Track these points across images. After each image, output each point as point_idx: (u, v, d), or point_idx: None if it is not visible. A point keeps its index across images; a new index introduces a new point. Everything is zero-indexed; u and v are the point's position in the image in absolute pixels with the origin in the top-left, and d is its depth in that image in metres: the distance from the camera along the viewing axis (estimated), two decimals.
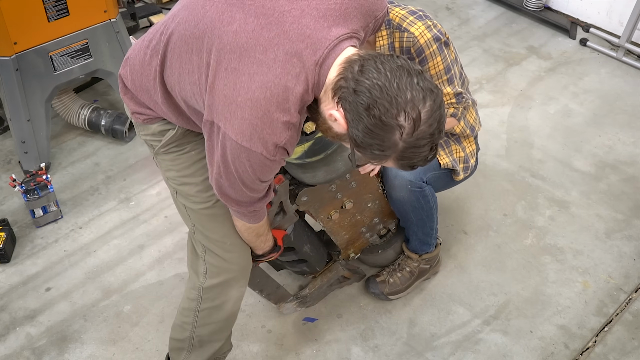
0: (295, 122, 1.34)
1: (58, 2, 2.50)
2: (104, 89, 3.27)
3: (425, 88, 1.24)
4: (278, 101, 1.29)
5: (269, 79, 1.28)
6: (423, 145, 1.28)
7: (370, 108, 1.22)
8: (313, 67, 1.29)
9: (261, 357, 2.17)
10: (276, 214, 1.87)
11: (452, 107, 1.97)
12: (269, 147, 1.33)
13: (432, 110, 1.25)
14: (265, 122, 1.30)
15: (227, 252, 1.74)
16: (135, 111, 1.63)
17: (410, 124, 1.23)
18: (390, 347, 2.20)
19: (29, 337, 2.23)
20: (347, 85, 1.25)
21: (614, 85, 3.35)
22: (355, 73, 1.24)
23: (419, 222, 2.19)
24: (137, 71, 1.55)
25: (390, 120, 1.22)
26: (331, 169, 1.82)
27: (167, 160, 1.68)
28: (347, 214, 2.10)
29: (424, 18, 1.86)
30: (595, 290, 2.38)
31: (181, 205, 1.74)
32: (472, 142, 2.18)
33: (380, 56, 1.26)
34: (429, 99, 1.24)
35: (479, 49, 3.63)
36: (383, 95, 1.21)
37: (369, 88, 1.22)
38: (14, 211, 2.66)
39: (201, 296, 1.80)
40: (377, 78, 1.22)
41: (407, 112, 1.22)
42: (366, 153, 1.30)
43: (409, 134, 1.24)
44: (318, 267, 2.17)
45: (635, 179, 2.81)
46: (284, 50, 1.29)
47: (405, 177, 2.04)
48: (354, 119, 1.25)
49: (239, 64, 1.30)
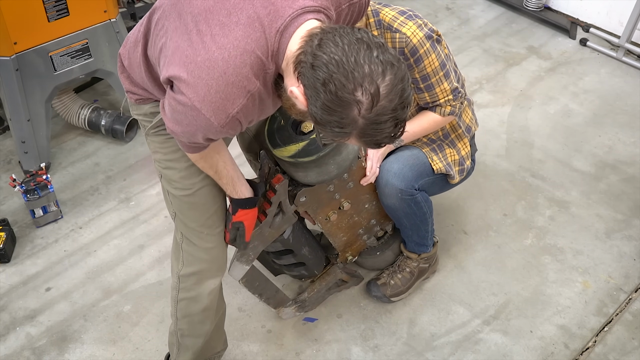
0: (253, 89, 1.31)
1: (58, 2, 2.50)
2: (104, 89, 3.27)
3: (386, 61, 1.19)
4: (235, 63, 1.28)
5: (229, 41, 1.28)
6: (385, 122, 1.22)
7: (327, 83, 1.18)
8: (274, 34, 1.28)
9: (261, 357, 2.18)
10: (275, 215, 1.87)
11: (448, 105, 1.97)
12: (220, 114, 1.31)
13: (392, 85, 1.19)
14: (220, 84, 1.29)
15: (203, 242, 1.75)
16: (130, 90, 1.65)
17: (369, 99, 1.18)
18: (390, 347, 2.20)
19: (29, 337, 2.23)
20: (305, 59, 1.21)
21: (614, 85, 3.35)
22: (314, 47, 1.20)
23: (412, 227, 2.18)
24: (131, 49, 1.58)
25: (346, 95, 1.18)
26: (323, 171, 1.82)
27: (156, 142, 1.69)
28: (345, 215, 2.10)
29: (414, 17, 1.87)
30: (595, 290, 2.38)
31: (165, 190, 1.76)
32: (467, 144, 2.18)
33: (340, 29, 1.22)
34: (389, 73, 1.19)
35: (479, 49, 3.63)
36: (339, 70, 1.17)
37: (325, 63, 1.18)
38: (14, 211, 2.66)
39: (179, 284, 1.83)
40: (334, 52, 1.18)
41: (365, 87, 1.17)
42: (327, 131, 1.26)
43: (368, 110, 1.19)
44: (316, 270, 2.17)
45: (635, 179, 2.81)
46: (247, 14, 1.29)
47: (396, 186, 2.02)
48: (312, 95, 1.21)
49: (204, 26, 1.31)
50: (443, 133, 2.12)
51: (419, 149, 2.10)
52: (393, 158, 2.06)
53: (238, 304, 2.31)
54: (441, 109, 1.98)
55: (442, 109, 1.98)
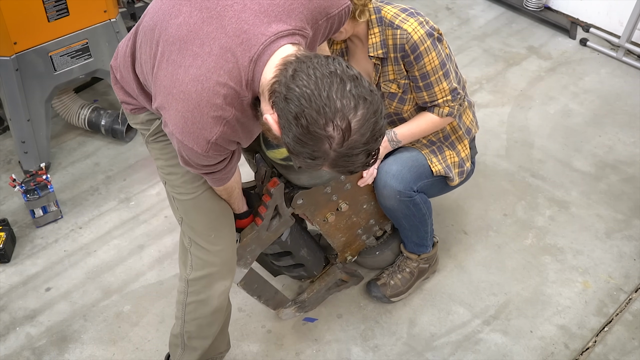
0: (229, 117, 1.33)
1: (58, 2, 2.50)
2: (104, 89, 3.27)
3: (358, 95, 1.18)
4: (209, 95, 1.30)
5: (202, 73, 1.30)
6: (357, 154, 1.23)
7: (298, 117, 1.18)
8: (247, 64, 1.29)
9: (261, 357, 2.18)
10: (272, 218, 1.87)
11: (447, 106, 1.97)
12: (201, 142, 1.35)
13: (364, 119, 1.19)
14: (195, 115, 1.31)
15: (212, 245, 1.75)
16: (124, 101, 1.68)
17: (340, 134, 1.18)
18: (390, 347, 2.20)
19: (29, 337, 2.23)
20: (280, 90, 1.21)
21: (614, 85, 3.35)
22: (288, 78, 1.20)
23: (412, 228, 2.18)
24: (122, 64, 1.60)
25: (317, 130, 1.18)
26: (314, 175, 1.83)
27: (156, 148, 1.71)
28: (343, 216, 2.09)
29: (415, 15, 1.88)
30: (595, 290, 2.38)
31: (170, 195, 1.77)
32: (467, 146, 2.17)
33: (315, 59, 1.21)
34: (362, 107, 1.19)
35: (479, 49, 3.63)
36: (311, 105, 1.16)
37: (298, 96, 1.17)
38: (14, 211, 2.66)
39: (187, 289, 1.82)
40: (306, 86, 1.17)
41: (336, 123, 1.17)
42: (299, 160, 1.27)
43: (339, 144, 1.20)
44: (315, 271, 2.17)
45: (635, 179, 2.81)
46: (219, 45, 1.30)
47: (394, 187, 2.01)
48: (285, 126, 1.22)
49: (178, 56, 1.33)
50: (443, 135, 2.12)
51: (418, 151, 2.10)
52: (392, 159, 2.05)
53: (238, 304, 2.31)
54: (439, 110, 1.98)
55: (440, 110, 1.98)
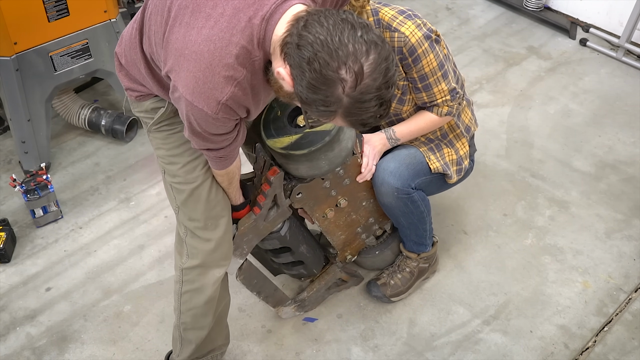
0: (240, 77, 1.34)
1: (58, 2, 2.50)
2: (104, 89, 3.27)
3: (369, 41, 1.22)
4: (221, 55, 1.31)
5: (214, 33, 1.31)
6: (369, 100, 1.25)
7: (311, 62, 1.21)
8: (259, 23, 1.31)
9: (261, 357, 2.18)
10: (270, 208, 1.87)
11: (446, 105, 1.97)
12: (211, 103, 1.35)
13: (376, 64, 1.23)
14: (207, 75, 1.32)
15: (208, 233, 1.76)
16: (129, 87, 1.67)
17: (352, 77, 1.21)
18: (390, 347, 2.20)
19: (29, 337, 2.23)
20: (291, 40, 1.25)
21: (614, 85, 3.35)
22: (300, 28, 1.24)
23: (410, 226, 2.18)
24: (127, 46, 1.60)
25: (331, 73, 1.21)
26: (314, 165, 1.83)
27: (158, 138, 1.71)
28: (342, 213, 2.09)
29: (413, 17, 1.88)
30: (595, 290, 2.38)
31: (168, 185, 1.77)
32: (466, 144, 2.18)
33: (326, 11, 1.26)
34: (373, 52, 1.22)
35: (479, 49, 3.63)
36: (324, 49, 1.20)
37: (311, 42, 1.21)
38: (14, 211, 2.66)
39: (182, 277, 1.83)
40: (319, 32, 1.21)
41: (349, 65, 1.21)
42: (312, 110, 1.29)
43: (352, 88, 1.23)
44: (315, 269, 2.17)
45: (635, 179, 2.81)
46: (232, 5, 1.32)
47: (392, 184, 2.01)
48: (298, 74, 1.25)
49: (191, 18, 1.35)
50: (441, 133, 2.12)
51: (416, 148, 2.10)
52: (390, 157, 2.06)
53: (238, 303, 2.31)
54: (438, 109, 1.98)
55: (439, 109, 1.98)
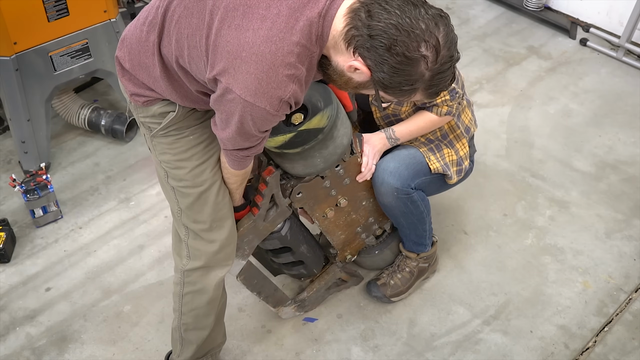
0: (300, 75, 1.37)
1: (58, 2, 2.50)
2: (104, 89, 3.27)
3: (434, 15, 1.29)
4: (283, 54, 1.33)
5: (274, 34, 1.32)
6: (447, 69, 1.33)
7: (391, 48, 1.26)
8: (317, 19, 1.33)
9: (261, 357, 2.18)
10: (269, 209, 1.87)
11: (445, 105, 1.97)
12: (274, 101, 1.37)
13: (447, 34, 1.30)
14: (270, 75, 1.33)
15: (212, 234, 1.76)
16: (135, 93, 1.62)
17: (433, 52, 1.28)
18: (390, 347, 2.20)
19: (29, 337, 2.23)
20: (359, 33, 1.28)
21: (614, 85, 3.35)
22: (364, 19, 1.27)
23: (410, 226, 2.18)
24: (134, 50, 1.56)
25: (413, 53, 1.27)
26: (309, 163, 1.83)
27: (164, 143, 1.69)
28: (342, 212, 2.09)
29: None
30: (595, 290, 2.38)
31: (170, 188, 1.75)
32: (466, 145, 2.18)
33: None
34: (442, 24, 1.29)
35: (479, 49, 3.63)
36: (400, 32, 1.25)
37: (384, 29, 1.26)
38: (14, 211, 2.66)
39: (183, 279, 1.83)
40: (388, 18, 1.26)
41: (427, 41, 1.27)
42: (395, 92, 1.35)
43: (433, 62, 1.29)
44: (315, 269, 2.17)
45: (635, 179, 2.81)
46: (287, 5, 1.33)
47: (392, 184, 2.01)
48: (377, 62, 1.29)
49: (243, 20, 1.34)
50: (441, 133, 2.12)
51: (416, 149, 2.10)
52: (389, 157, 2.06)
53: (238, 304, 2.31)
54: (438, 109, 1.98)
55: (438, 109, 1.98)
